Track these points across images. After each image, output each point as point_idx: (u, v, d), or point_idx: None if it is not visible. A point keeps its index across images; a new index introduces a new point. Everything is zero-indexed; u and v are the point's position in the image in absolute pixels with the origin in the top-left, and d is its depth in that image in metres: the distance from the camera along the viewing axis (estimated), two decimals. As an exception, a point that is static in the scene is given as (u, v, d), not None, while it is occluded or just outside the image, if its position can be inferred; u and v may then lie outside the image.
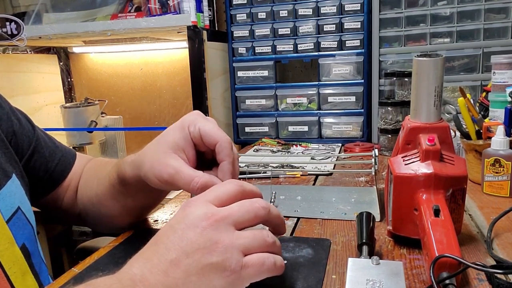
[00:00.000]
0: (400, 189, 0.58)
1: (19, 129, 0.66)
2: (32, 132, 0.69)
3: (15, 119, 0.66)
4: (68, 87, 2.05)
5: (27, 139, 0.67)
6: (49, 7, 1.64)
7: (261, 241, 0.41)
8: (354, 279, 0.47)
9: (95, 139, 1.81)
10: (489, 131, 0.86)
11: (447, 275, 0.44)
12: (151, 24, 1.42)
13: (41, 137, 0.70)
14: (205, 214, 0.40)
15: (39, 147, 0.68)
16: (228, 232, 0.40)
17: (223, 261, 0.38)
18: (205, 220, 0.40)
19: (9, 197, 0.58)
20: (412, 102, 0.61)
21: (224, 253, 0.39)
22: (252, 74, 1.52)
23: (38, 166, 0.68)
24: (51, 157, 0.70)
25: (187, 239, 0.39)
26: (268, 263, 0.41)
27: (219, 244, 0.39)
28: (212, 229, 0.39)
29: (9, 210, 0.57)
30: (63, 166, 0.72)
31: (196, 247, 0.39)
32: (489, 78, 0.98)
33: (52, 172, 0.70)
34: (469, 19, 1.28)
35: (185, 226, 0.40)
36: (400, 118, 1.21)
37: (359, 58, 1.39)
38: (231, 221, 0.41)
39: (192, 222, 0.40)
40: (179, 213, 0.42)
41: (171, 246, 0.39)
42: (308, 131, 1.48)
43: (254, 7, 1.48)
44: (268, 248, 0.42)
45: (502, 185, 0.78)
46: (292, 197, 0.85)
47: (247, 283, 0.41)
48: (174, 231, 0.40)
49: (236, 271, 0.39)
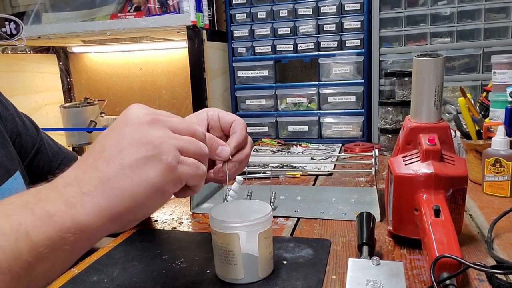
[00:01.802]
0: (400, 189, 0.58)
1: (23, 130, 0.68)
2: (35, 133, 0.71)
3: (19, 120, 0.68)
4: (68, 87, 2.05)
5: (31, 139, 0.69)
6: (48, 7, 1.63)
7: (197, 148, 0.41)
8: (354, 280, 0.46)
9: (94, 139, 1.80)
10: (490, 131, 0.85)
11: (447, 276, 0.44)
12: (151, 24, 1.41)
13: (45, 139, 0.72)
14: (144, 114, 0.40)
15: (42, 148, 0.71)
16: (165, 130, 0.40)
17: (158, 154, 0.38)
18: (143, 117, 0.39)
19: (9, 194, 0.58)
20: (412, 102, 0.61)
21: (160, 147, 0.38)
22: (252, 74, 1.52)
23: (42, 166, 0.70)
24: (54, 158, 0.72)
25: (122, 135, 0.39)
26: (202, 169, 0.41)
27: (155, 139, 0.38)
28: (149, 126, 0.39)
29: None
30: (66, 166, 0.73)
31: (131, 142, 0.38)
32: (489, 78, 0.98)
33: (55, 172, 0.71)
34: (469, 18, 1.28)
35: (123, 124, 0.40)
36: (400, 118, 1.21)
37: (359, 58, 1.39)
38: (169, 125, 0.40)
39: (130, 120, 0.40)
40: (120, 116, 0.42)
41: (106, 144, 0.39)
42: (308, 131, 1.48)
43: (254, 7, 1.47)
44: (201, 157, 0.42)
45: (503, 185, 0.78)
46: (292, 197, 0.85)
47: (180, 183, 0.40)
48: (112, 129, 0.40)
49: (172, 165, 0.38)
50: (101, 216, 0.37)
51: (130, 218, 0.39)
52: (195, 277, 0.54)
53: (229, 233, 0.50)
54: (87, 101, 1.79)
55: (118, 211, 0.37)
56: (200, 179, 0.42)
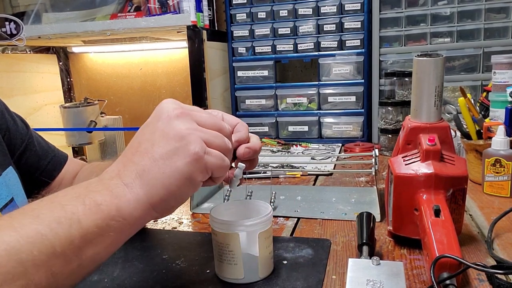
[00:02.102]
0: (400, 189, 0.58)
1: (13, 126, 0.69)
2: (25, 130, 0.71)
3: (9, 117, 0.69)
4: (68, 87, 2.05)
5: (20, 136, 0.70)
6: (49, 7, 1.63)
7: (222, 142, 0.44)
8: (354, 280, 0.46)
9: (94, 139, 1.81)
10: (490, 131, 0.85)
11: (447, 276, 0.44)
12: (151, 24, 1.41)
13: (35, 137, 0.73)
14: (173, 108, 0.43)
15: (31, 145, 0.71)
16: (192, 123, 0.43)
17: (186, 145, 0.41)
18: (172, 111, 0.43)
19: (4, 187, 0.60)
20: (412, 102, 0.61)
21: (187, 138, 0.41)
22: (252, 74, 1.52)
23: (30, 163, 0.71)
24: (43, 156, 0.73)
25: (154, 129, 0.42)
26: (227, 162, 0.44)
27: (183, 131, 0.41)
28: (177, 119, 0.42)
29: (3, 199, 0.59)
30: (55, 165, 0.75)
31: (161, 134, 0.42)
32: (489, 78, 0.98)
33: (43, 169, 0.73)
34: (469, 18, 1.28)
35: (155, 119, 0.43)
36: (400, 118, 1.21)
37: (359, 58, 1.39)
38: (196, 118, 0.43)
39: (161, 114, 0.43)
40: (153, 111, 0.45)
41: (142, 138, 0.43)
42: (308, 131, 1.48)
43: (254, 7, 1.47)
44: (226, 152, 0.44)
45: (503, 185, 0.78)
46: (292, 197, 0.85)
47: (207, 173, 0.43)
48: (147, 125, 0.44)
49: (199, 155, 0.41)
50: (140, 205, 0.40)
51: (166, 206, 0.43)
52: (195, 277, 0.54)
53: (229, 233, 0.50)
54: (87, 101, 1.79)
55: (154, 200, 0.41)
56: (224, 171, 0.45)
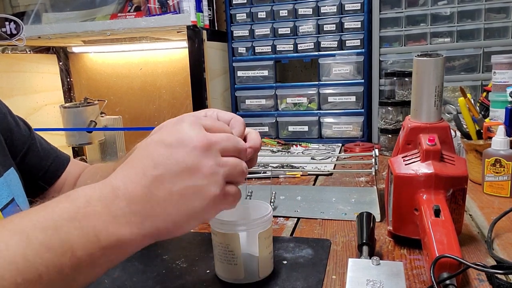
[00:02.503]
0: (400, 189, 0.58)
1: (16, 128, 0.69)
2: (28, 132, 0.72)
3: (12, 119, 0.69)
4: (68, 87, 2.05)
5: (23, 138, 0.70)
6: (49, 7, 1.63)
7: (240, 170, 0.42)
8: (354, 280, 0.46)
9: (94, 139, 1.80)
10: (490, 131, 0.85)
11: (447, 276, 0.44)
12: (151, 24, 1.41)
13: (37, 138, 0.73)
14: (197, 135, 0.40)
15: (33, 147, 0.71)
16: (216, 157, 0.40)
17: (208, 185, 0.39)
18: (197, 141, 0.39)
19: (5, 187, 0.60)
20: (412, 102, 0.61)
21: (210, 177, 0.39)
22: (252, 74, 1.52)
23: (33, 164, 0.71)
24: (45, 157, 0.73)
25: (176, 157, 0.39)
26: (240, 195, 0.43)
27: (206, 168, 0.39)
28: (202, 152, 0.39)
29: (4, 199, 0.59)
30: (57, 166, 0.75)
31: (183, 167, 0.38)
32: (489, 78, 0.98)
33: (46, 171, 0.73)
34: (469, 18, 1.28)
35: (177, 143, 0.39)
36: (400, 118, 1.21)
37: (359, 58, 1.39)
38: (219, 148, 0.41)
39: (183, 140, 0.39)
40: (172, 126, 0.42)
41: (159, 161, 0.39)
42: (308, 131, 1.48)
43: (254, 7, 1.47)
44: (243, 177, 0.43)
45: (503, 185, 0.78)
46: (292, 197, 0.85)
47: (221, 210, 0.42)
48: (165, 147, 0.40)
49: (219, 197, 0.39)
50: (143, 235, 0.38)
51: (168, 236, 0.41)
52: (195, 277, 0.54)
53: (229, 233, 0.50)
54: (87, 101, 1.78)
55: (159, 231, 0.39)
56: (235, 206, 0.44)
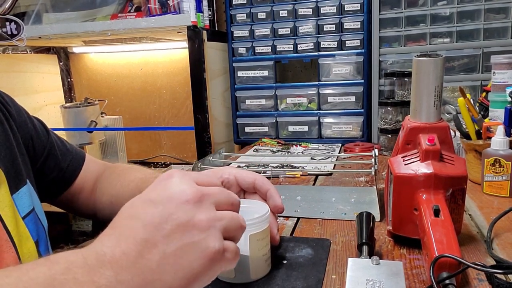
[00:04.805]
0: (400, 189, 0.58)
1: (35, 134, 0.70)
2: (46, 136, 0.73)
3: (31, 125, 0.70)
4: (68, 87, 2.05)
5: (42, 143, 0.71)
6: (49, 7, 1.63)
7: (237, 224, 0.40)
8: (354, 279, 0.47)
9: (95, 139, 1.81)
10: (489, 131, 0.86)
11: (447, 275, 0.45)
12: (151, 24, 1.41)
13: (55, 141, 0.74)
14: (189, 188, 0.37)
15: (53, 150, 0.72)
16: (210, 210, 0.38)
17: (205, 240, 0.36)
18: (189, 194, 0.37)
19: (26, 197, 0.61)
20: (412, 102, 0.61)
21: (207, 231, 0.36)
22: (252, 74, 1.52)
23: (52, 167, 0.72)
24: (63, 159, 0.74)
25: (167, 215, 0.35)
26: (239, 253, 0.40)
27: (202, 222, 0.36)
28: (195, 205, 0.37)
29: (26, 208, 0.60)
30: (74, 166, 0.76)
31: (177, 225, 0.35)
32: (489, 78, 0.98)
33: (64, 172, 0.74)
34: (469, 19, 1.28)
35: (166, 200, 0.36)
36: (400, 118, 1.21)
37: (359, 58, 1.39)
38: (213, 201, 0.38)
39: (173, 196, 0.37)
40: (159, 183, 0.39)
41: (149, 222, 0.35)
42: (308, 131, 1.48)
43: (254, 7, 1.48)
44: (241, 232, 0.41)
45: (502, 185, 0.78)
46: (292, 197, 0.85)
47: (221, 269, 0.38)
48: (154, 205, 0.36)
49: (219, 252, 0.36)
50: None
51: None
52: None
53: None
54: (88, 101, 1.79)
55: None
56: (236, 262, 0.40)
